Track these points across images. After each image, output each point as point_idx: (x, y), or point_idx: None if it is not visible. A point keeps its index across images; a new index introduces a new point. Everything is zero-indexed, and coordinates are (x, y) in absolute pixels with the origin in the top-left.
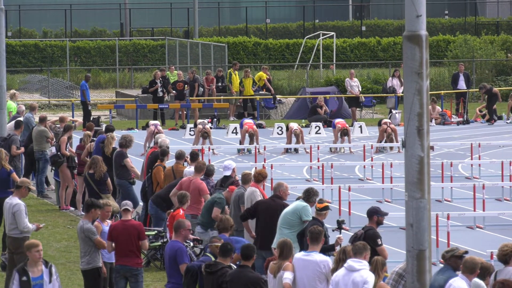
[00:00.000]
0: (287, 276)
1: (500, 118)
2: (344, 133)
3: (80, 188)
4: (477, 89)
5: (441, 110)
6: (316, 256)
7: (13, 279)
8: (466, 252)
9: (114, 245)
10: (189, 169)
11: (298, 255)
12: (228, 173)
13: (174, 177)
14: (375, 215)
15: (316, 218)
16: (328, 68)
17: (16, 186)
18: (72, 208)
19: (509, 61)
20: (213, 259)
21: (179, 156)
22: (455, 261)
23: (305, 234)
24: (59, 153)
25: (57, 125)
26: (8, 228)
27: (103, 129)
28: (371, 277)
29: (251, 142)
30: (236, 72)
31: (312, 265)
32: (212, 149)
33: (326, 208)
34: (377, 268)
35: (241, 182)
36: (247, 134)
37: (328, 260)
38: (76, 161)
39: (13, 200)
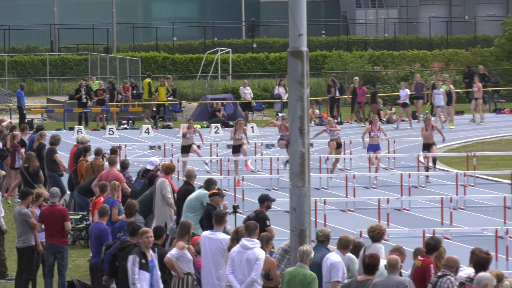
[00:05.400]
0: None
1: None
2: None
3: (14, 179)
4: (348, 96)
5: (319, 113)
6: (220, 235)
7: (134, 261)
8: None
9: (43, 226)
10: (108, 163)
11: (205, 233)
12: (150, 167)
13: (93, 170)
14: (266, 201)
15: (210, 204)
16: (225, 79)
17: None
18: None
19: (375, 73)
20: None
21: (97, 152)
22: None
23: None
24: (4, 148)
25: None
26: None
27: (35, 129)
28: (262, 254)
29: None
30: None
31: (216, 242)
32: (125, 144)
33: (214, 194)
34: (263, 243)
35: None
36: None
37: (228, 239)
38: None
39: None
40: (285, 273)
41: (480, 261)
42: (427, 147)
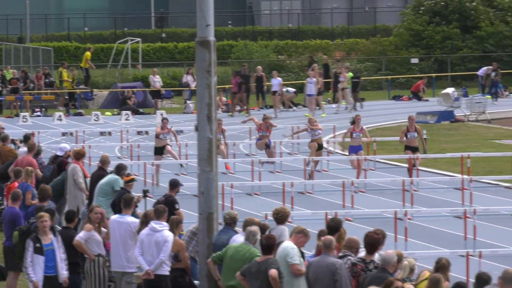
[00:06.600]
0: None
1: (272, 106)
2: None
3: None
4: (253, 84)
5: (225, 100)
6: (128, 218)
7: (28, 246)
8: None
9: None
10: (23, 149)
11: (114, 217)
12: (60, 153)
13: (0, 156)
14: (178, 185)
15: (124, 188)
16: (135, 67)
17: None
18: None
19: (280, 61)
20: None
21: (4, 139)
22: (234, 224)
23: (116, 201)
24: None
25: None
26: None
27: None
28: (170, 236)
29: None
30: (65, 70)
31: (124, 225)
32: (38, 131)
33: (132, 180)
34: (173, 226)
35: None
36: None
37: (137, 222)
38: None
39: None
40: (229, 247)
41: (371, 242)
42: (411, 150)
